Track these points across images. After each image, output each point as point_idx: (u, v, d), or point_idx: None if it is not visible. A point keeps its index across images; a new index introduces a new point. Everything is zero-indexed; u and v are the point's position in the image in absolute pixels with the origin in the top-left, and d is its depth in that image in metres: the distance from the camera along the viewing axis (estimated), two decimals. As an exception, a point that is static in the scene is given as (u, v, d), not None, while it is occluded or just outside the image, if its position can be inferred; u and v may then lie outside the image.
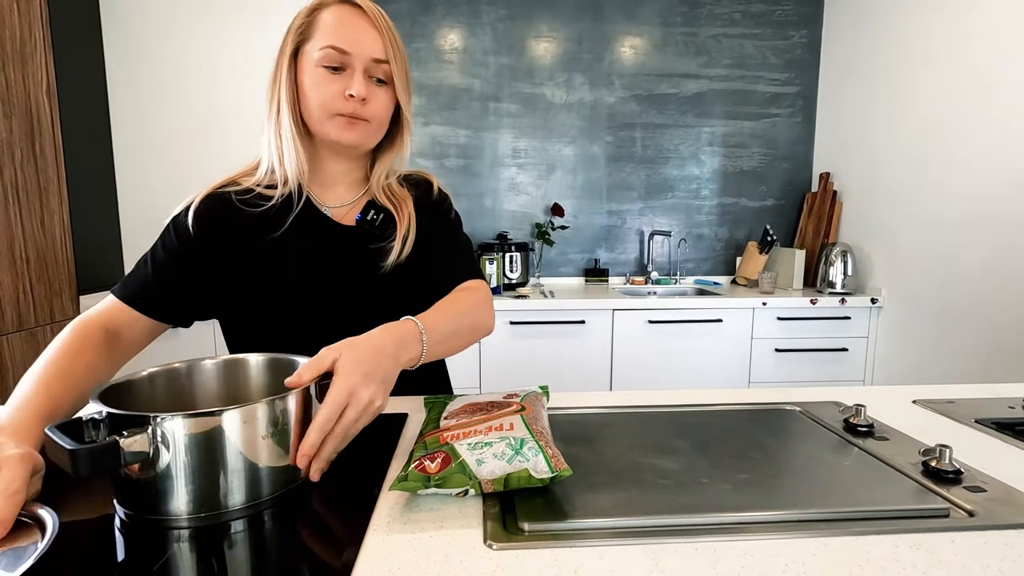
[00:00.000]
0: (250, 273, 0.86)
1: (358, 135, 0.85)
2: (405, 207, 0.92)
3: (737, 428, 0.77)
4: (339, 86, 0.81)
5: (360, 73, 0.81)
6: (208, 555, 0.50)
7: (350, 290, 0.88)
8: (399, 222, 0.90)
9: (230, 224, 0.86)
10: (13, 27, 1.93)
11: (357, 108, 0.82)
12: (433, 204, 0.98)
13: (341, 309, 0.88)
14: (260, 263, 0.86)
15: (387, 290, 0.89)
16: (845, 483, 0.61)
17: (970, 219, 2.08)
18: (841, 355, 2.54)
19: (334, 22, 0.81)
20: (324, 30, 0.81)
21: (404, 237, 0.89)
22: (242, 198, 0.87)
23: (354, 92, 0.81)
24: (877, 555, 0.48)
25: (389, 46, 0.83)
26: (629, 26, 2.84)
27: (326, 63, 0.81)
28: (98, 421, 0.54)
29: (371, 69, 0.83)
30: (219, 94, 2.49)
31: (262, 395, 0.69)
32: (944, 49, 2.18)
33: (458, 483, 0.55)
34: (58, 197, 2.11)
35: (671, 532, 0.51)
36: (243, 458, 0.55)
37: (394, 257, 0.88)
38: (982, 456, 0.67)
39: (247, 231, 0.86)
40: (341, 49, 0.80)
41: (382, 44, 0.82)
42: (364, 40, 0.81)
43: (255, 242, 0.86)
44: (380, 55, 0.82)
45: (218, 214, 0.87)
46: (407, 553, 0.48)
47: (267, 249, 0.86)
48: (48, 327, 2.06)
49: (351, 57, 0.81)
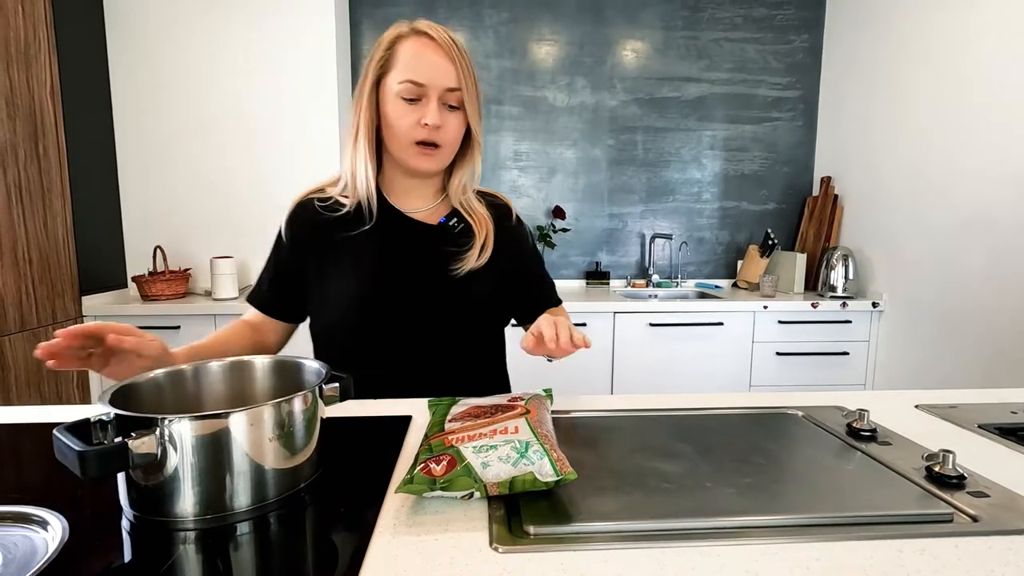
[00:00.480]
0: (333, 268, 0.95)
1: (433, 162, 0.94)
2: (485, 223, 1.00)
3: (739, 432, 0.77)
4: (416, 116, 0.90)
5: (435, 102, 0.90)
6: (215, 557, 0.50)
7: (424, 285, 0.96)
8: (478, 233, 0.98)
9: (315, 226, 0.97)
10: (17, 28, 1.94)
11: (432, 134, 0.91)
12: (513, 229, 1.06)
13: (413, 302, 0.96)
14: (342, 258, 0.96)
15: (458, 292, 0.97)
16: (848, 488, 0.61)
17: (971, 223, 2.09)
18: (842, 359, 2.54)
19: (411, 56, 0.89)
20: (402, 64, 0.90)
21: (481, 246, 0.97)
22: (324, 204, 0.98)
23: (429, 121, 0.89)
24: (881, 560, 0.48)
25: (461, 75, 0.90)
26: (631, 30, 2.85)
27: (405, 96, 0.90)
28: (106, 423, 0.54)
29: (445, 97, 0.91)
30: (222, 95, 2.50)
31: (267, 397, 0.70)
32: (945, 54, 2.19)
33: (463, 486, 0.55)
34: (61, 198, 2.12)
35: (675, 536, 0.51)
36: (249, 460, 0.55)
37: (471, 263, 0.96)
38: (985, 461, 0.68)
39: (330, 230, 0.96)
40: (417, 82, 0.89)
41: (455, 73, 0.90)
42: (438, 72, 0.89)
43: (337, 239, 0.96)
44: (453, 84, 0.90)
45: (303, 219, 0.98)
46: (413, 556, 0.49)
47: (349, 245, 0.96)
48: (50, 328, 2.06)
49: (427, 88, 0.89)
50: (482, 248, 0.97)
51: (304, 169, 2.54)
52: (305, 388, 0.61)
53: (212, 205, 2.55)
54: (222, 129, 2.52)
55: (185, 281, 2.46)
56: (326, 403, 0.65)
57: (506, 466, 0.56)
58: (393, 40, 0.91)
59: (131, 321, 2.25)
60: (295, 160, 2.54)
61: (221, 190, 2.55)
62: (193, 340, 0.90)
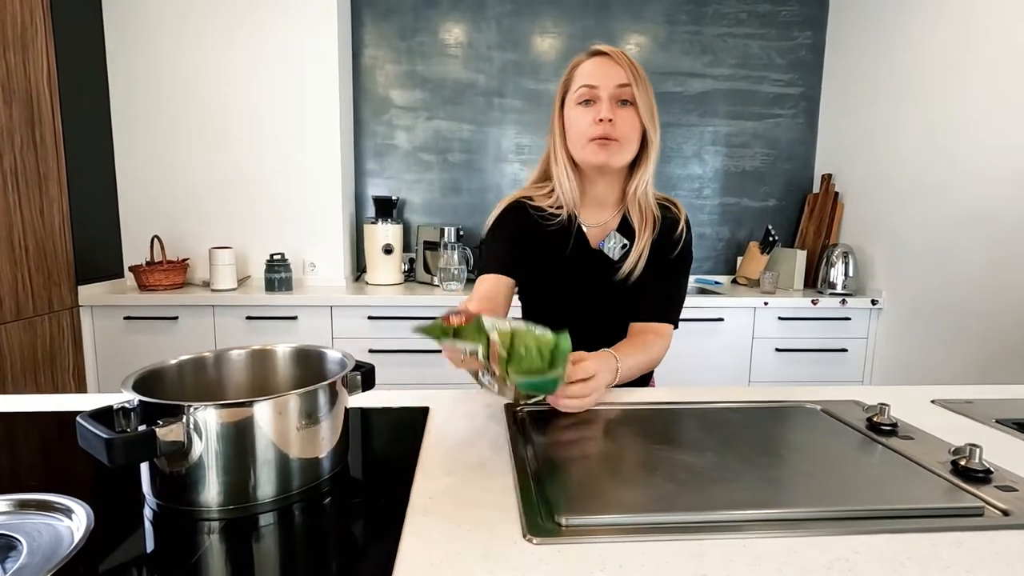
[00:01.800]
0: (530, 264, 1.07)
1: (608, 154, 0.98)
2: (646, 230, 1.05)
3: (760, 425, 0.77)
4: (591, 115, 0.97)
5: (607, 101, 0.96)
6: (243, 549, 0.49)
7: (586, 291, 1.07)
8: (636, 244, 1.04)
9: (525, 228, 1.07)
10: (14, 12, 1.90)
11: (606, 129, 0.96)
12: (675, 240, 1.08)
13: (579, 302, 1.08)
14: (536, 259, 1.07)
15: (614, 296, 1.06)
16: (876, 481, 0.61)
17: (971, 221, 2.10)
18: (841, 356, 2.55)
19: (587, 69, 0.99)
20: (580, 77, 0.99)
21: (636, 261, 1.03)
22: (538, 214, 1.07)
23: (602, 116, 0.95)
24: (918, 553, 0.48)
25: (630, 74, 0.97)
26: (634, 24, 2.83)
27: (580, 99, 0.98)
28: (129, 410, 0.53)
29: (616, 94, 0.97)
30: (220, 83, 2.46)
31: (288, 386, 0.69)
32: (947, 52, 2.19)
33: (472, 338, 0.64)
34: (57, 185, 2.08)
35: (712, 528, 0.51)
36: (275, 449, 0.54)
37: (622, 274, 1.04)
38: (1008, 456, 0.68)
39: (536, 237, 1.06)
40: (590, 85, 0.97)
41: (624, 72, 0.96)
42: (609, 73, 0.96)
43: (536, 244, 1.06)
44: (623, 80, 0.96)
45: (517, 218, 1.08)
46: (446, 548, 0.48)
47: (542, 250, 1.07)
48: (46, 317, 2.03)
49: (599, 89, 0.96)
50: (636, 262, 1.03)
51: (305, 159, 2.52)
52: (328, 377, 0.60)
53: (210, 194, 2.52)
54: (221, 117, 2.48)
55: (183, 271, 2.43)
56: (349, 392, 0.64)
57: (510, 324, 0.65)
58: (575, 65, 1.01)
59: (128, 312, 2.22)
60: (294, 150, 2.51)
61: (220, 179, 2.51)
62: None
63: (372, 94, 2.77)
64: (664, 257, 1.07)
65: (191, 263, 2.52)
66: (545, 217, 1.06)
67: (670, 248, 1.07)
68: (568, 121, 1.01)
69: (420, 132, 2.81)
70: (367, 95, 2.77)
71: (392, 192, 2.82)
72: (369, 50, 2.74)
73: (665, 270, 1.07)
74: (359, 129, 2.78)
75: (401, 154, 2.82)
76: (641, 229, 1.04)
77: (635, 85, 0.96)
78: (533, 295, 1.12)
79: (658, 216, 1.06)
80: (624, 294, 1.05)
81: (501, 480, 0.60)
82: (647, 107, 0.99)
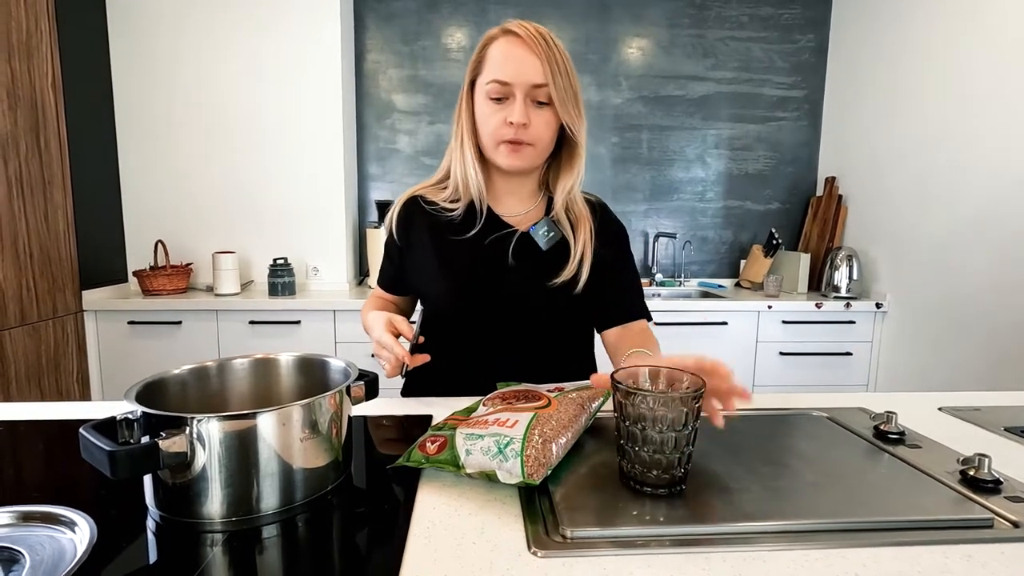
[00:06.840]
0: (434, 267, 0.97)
1: (521, 160, 0.92)
2: (582, 231, 0.96)
3: (766, 434, 0.77)
4: (502, 115, 0.89)
5: (520, 101, 0.87)
6: (246, 562, 0.48)
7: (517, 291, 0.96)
8: (574, 245, 0.95)
9: (422, 226, 0.99)
10: (19, 19, 1.91)
11: (518, 133, 0.89)
12: (612, 235, 1.03)
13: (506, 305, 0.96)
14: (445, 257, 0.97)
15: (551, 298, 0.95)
16: (884, 491, 0.61)
17: (975, 225, 2.09)
18: (845, 359, 2.54)
19: (499, 56, 0.88)
20: (491, 65, 0.89)
21: (579, 259, 0.94)
22: (431, 208, 0.99)
23: (513, 119, 0.87)
24: (927, 566, 0.47)
25: (548, 69, 0.86)
26: (636, 27, 2.83)
27: (492, 95, 0.89)
28: (132, 421, 0.53)
29: (532, 94, 0.88)
30: (224, 88, 2.47)
31: (292, 395, 0.68)
32: (950, 54, 2.19)
33: (448, 469, 0.60)
34: (62, 191, 2.09)
35: (717, 541, 0.50)
36: (279, 460, 0.54)
37: (565, 277, 0.93)
38: (1017, 465, 0.67)
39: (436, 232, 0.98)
40: (502, 81, 0.87)
41: (541, 69, 0.86)
42: (524, 69, 0.87)
43: (443, 241, 0.98)
44: (539, 80, 0.87)
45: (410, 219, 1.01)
46: (450, 560, 0.48)
47: (452, 246, 0.97)
48: (50, 322, 2.04)
49: (512, 87, 0.87)
50: (580, 261, 0.94)
51: (307, 163, 2.52)
52: (331, 386, 0.60)
53: (214, 199, 2.53)
54: (224, 122, 2.49)
55: (186, 276, 2.44)
56: (352, 402, 0.64)
57: (484, 458, 0.58)
58: (485, 43, 0.91)
59: (131, 316, 2.23)
60: (298, 154, 2.52)
61: (223, 184, 2.52)
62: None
63: (375, 98, 2.78)
64: (613, 254, 1.01)
65: (195, 268, 2.53)
66: (438, 211, 0.98)
67: (615, 243, 1.02)
68: (479, 115, 0.92)
69: (422, 136, 2.81)
70: (370, 99, 2.78)
71: (394, 196, 2.82)
72: (372, 55, 2.75)
73: (620, 266, 1.02)
74: (362, 133, 2.79)
75: (403, 158, 2.82)
76: (577, 233, 0.96)
77: (552, 83, 0.86)
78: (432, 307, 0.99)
79: (589, 217, 0.99)
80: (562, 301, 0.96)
81: (505, 491, 0.59)
82: (568, 103, 0.89)
